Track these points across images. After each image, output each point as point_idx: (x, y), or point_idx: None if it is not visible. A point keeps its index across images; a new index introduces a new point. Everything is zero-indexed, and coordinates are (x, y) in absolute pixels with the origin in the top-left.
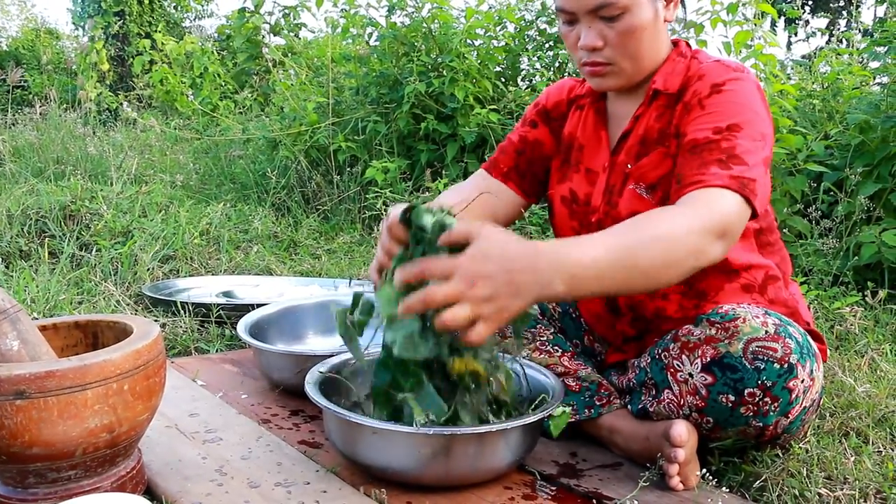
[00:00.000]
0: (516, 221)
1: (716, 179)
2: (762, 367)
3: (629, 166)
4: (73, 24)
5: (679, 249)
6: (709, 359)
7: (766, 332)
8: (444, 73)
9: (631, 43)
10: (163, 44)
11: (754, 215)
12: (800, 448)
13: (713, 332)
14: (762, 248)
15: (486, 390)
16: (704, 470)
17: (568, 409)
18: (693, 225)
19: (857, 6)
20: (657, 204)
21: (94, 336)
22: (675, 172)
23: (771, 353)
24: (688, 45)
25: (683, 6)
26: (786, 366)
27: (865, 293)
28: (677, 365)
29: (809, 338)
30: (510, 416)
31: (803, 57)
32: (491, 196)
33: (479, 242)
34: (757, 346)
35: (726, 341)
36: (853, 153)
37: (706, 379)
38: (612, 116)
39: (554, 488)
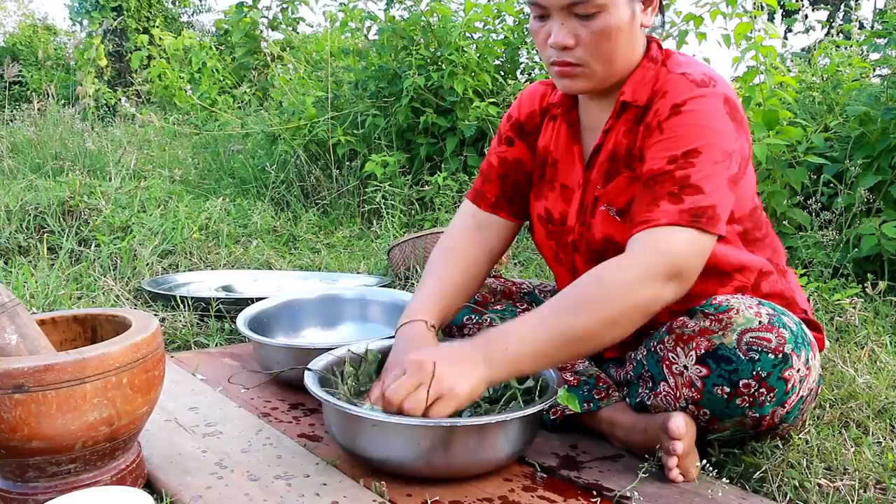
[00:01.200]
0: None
1: (664, 217)
2: (756, 357)
3: (599, 188)
4: (71, 19)
5: (622, 306)
6: (703, 351)
7: (760, 322)
8: (443, 66)
9: (605, 44)
10: (161, 39)
11: (719, 238)
12: (800, 439)
13: (707, 323)
14: (750, 244)
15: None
16: (704, 461)
17: (564, 389)
18: (637, 277)
19: None
20: (628, 228)
21: (92, 330)
22: (631, 205)
23: (765, 343)
24: (659, 46)
25: (662, 13)
26: (780, 356)
27: (865, 285)
28: (672, 357)
29: (804, 327)
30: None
31: (803, 49)
32: (480, 233)
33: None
34: (751, 337)
35: (720, 333)
36: (853, 145)
37: (701, 371)
38: (585, 127)
39: (554, 480)
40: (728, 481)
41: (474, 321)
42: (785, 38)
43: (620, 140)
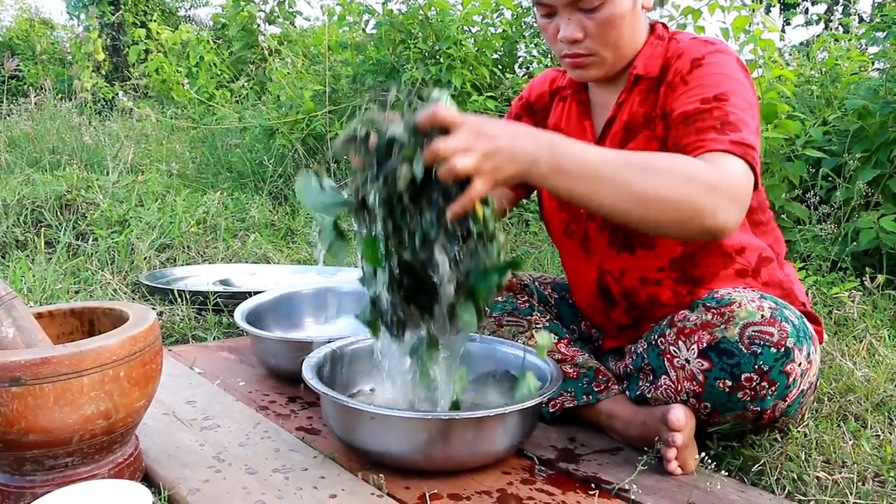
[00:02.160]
0: (514, 208)
1: (718, 144)
2: (759, 351)
3: None
4: (68, 13)
5: (682, 194)
6: (705, 344)
7: (762, 316)
8: (442, 60)
9: (611, 33)
10: (158, 33)
11: (755, 187)
12: (798, 432)
13: (709, 317)
14: (754, 227)
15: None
16: (703, 454)
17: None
18: (707, 179)
19: None
20: None
21: (90, 323)
22: (670, 146)
23: (767, 337)
24: (664, 27)
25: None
26: (782, 350)
27: (864, 278)
28: (674, 351)
29: (805, 320)
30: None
31: (802, 43)
32: None
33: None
34: (753, 331)
35: (722, 326)
36: (851, 139)
37: (703, 364)
38: (595, 106)
39: (552, 472)
40: (727, 474)
41: None
42: (782, 31)
43: (636, 110)
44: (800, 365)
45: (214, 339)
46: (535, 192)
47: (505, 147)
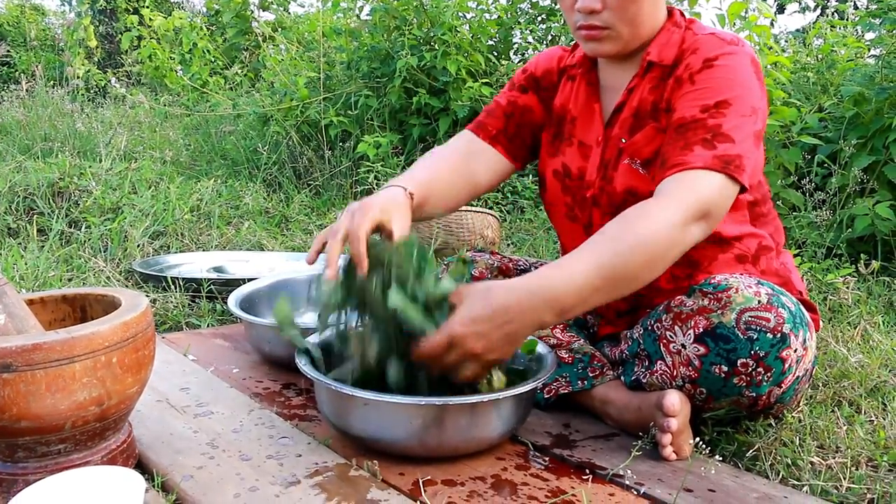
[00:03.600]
0: (509, 195)
1: (698, 161)
2: (755, 337)
3: (623, 141)
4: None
5: (661, 248)
6: (701, 329)
7: (759, 301)
8: (436, 46)
9: (631, 7)
10: (151, 19)
11: (744, 189)
12: (793, 418)
13: (706, 302)
14: (755, 219)
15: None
16: (697, 439)
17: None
18: (673, 218)
19: None
20: (653, 179)
21: (82, 310)
22: (661, 151)
23: (764, 322)
24: (682, 14)
25: None
26: (779, 335)
27: (858, 265)
28: (670, 336)
29: (802, 307)
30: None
31: (798, 30)
32: (471, 159)
33: (464, 306)
34: (750, 317)
35: (719, 312)
36: (847, 125)
37: (699, 350)
38: (605, 88)
39: (546, 458)
40: (721, 459)
41: None
42: (775, 15)
43: (646, 97)
44: (795, 351)
45: (208, 326)
46: (536, 174)
47: (498, 342)
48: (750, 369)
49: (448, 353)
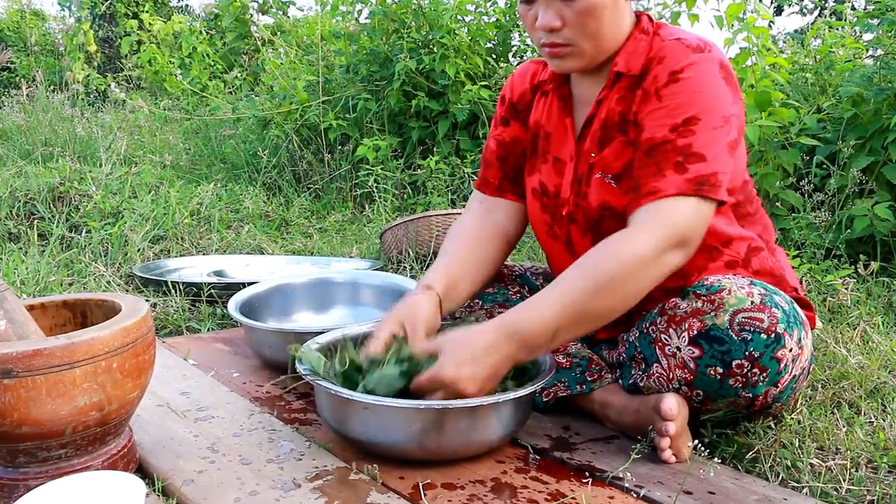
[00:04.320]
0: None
1: (670, 188)
2: (749, 338)
3: (593, 155)
4: (59, 5)
5: (632, 284)
6: (695, 332)
7: (752, 302)
8: (435, 49)
9: (590, 23)
10: (150, 24)
11: (722, 203)
12: (792, 419)
13: (699, 304)
14: (742, 219)
15: None
16: (696, 442)
17: None
18: (648, 251)
19: None
20: (624, 192)
21: (82, 315)
22: (633, 174)
23: (757, 323)
24: (650, 19)
25: None
26: (773, 336)
27: (857, 266)
28: (665, 339)
29: (796, 306)
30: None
31: (796, 31)
32: (491, 219)
33: (447, 353)
34: (743, 318)
35: (712, 313)
36: (846, 126)
37: (694, 352)
38: (577, 101)
39: (546, 461)
40: (720, 461)
41: (466, 304)
42: (773, 17)
43: (613, 108)
44: (791, 350)
45: (208, 330)
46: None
47: (482, 377)
48: (745, 370)
49: (436, 393)
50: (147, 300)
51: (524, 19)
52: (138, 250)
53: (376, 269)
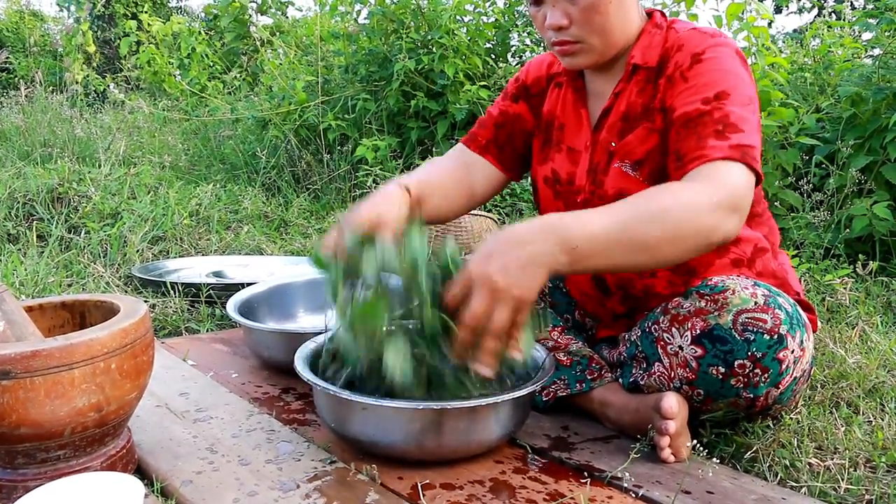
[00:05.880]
0: (507, 198)
1: (717, 152)
2: (752, 338)
3: (613, 144)
4: (58, 5)
5: (688, 226)
6: (698, 331)
7: (756, 303)
8: (434, 49)
9: (596, 18)
10: (149, 25)
11: (759, 181)
12: (791, 419)
13: (702, 304)
14: (750, 219)
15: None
16: (695, 441)
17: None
18: (705, 201)
19: None
20: (644, 180)
21: (81, 316)
22: (671, 150)
23: (760, 324)
24: (663, 14)
25: None
26: (775, 336)
27: (856, 265)
28: (667, 338)
29: (799, 308)
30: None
31: (795, 30)
32: (467, 170)
33: (478, 250)
34: (746, 318)
35: (716, 313)
36: (845, 126)
37: (696, 351)
38: (592, 94)
39: (545, 461)
40: (719, 461)
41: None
42: (773, 15)
43: (634, 100)
44: (793, 352)
45: (207, 331)
46: (529, 180)
47: (515, 271)
48: (747, 370)
49: (474, 298)
50: (146, 301)
51: (535, 21)
52: (137, 251)
53: None
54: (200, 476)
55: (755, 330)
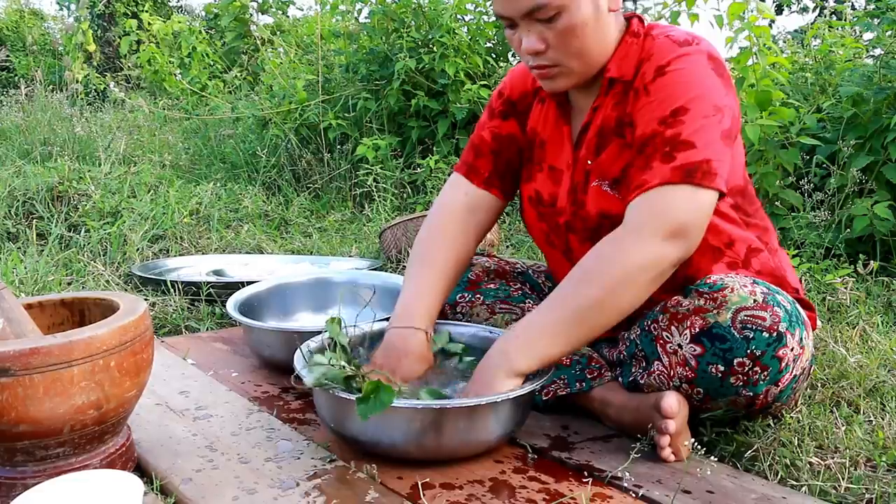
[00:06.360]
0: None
1: (656, 178)
2: (751, 336)
3: (589, 162)
4: (58, 4)
5: (629, 282)
6: (697, 329)
7: (755, 301)
8: (435, 48)
9: (573, 42)
10: (150, 23)
11: (722, 194)
12: (791, 418)
13: (701, 302)
14: (742, 220)
15: None
16: (695, 440)
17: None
18: (637, 248)
19: None
20: (623, 198)
21: (80, 314)
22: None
23: (759, 322)
24: (640, 21)
25: None
26: (775, 334)
27: (857, 265)
28: (666, 336)
29: (798, 306)
30: None
31: (796, 30)
32: (472, 215)
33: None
34: (745, 316)
35: (715, 311)
36: (846, 126)
37: (695, 350)
38: (574, 109)
39: (545, 461)
40: (719, 460)
41: (467, 299)
42: (775, 14)
43: (609, 114)
44: (792, 350)
45: (207, 329)
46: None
47: (491, 390)
48: (746, 369)
49: None
50: (146, 299)
51: (511, 44)
52: (137, 250)
53: (375, 269)
54: (200, 474)
55: (754, 328)
